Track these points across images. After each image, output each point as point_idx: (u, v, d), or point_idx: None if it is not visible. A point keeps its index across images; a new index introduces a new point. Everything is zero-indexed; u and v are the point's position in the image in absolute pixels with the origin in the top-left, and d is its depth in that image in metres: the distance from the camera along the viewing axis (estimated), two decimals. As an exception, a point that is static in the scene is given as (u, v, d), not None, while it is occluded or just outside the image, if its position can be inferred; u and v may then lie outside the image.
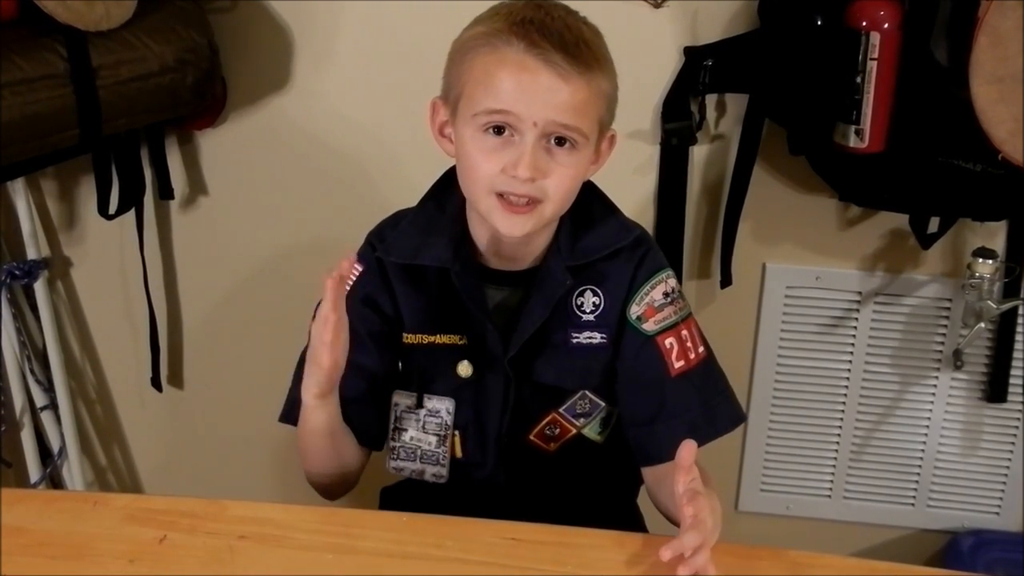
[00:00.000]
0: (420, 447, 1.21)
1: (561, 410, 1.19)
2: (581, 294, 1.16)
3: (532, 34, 1.03)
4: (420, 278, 1.17)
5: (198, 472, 1.95)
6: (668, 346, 1.16)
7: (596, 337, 1.17)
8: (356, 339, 1.14)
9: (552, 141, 1.06)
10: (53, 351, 1.79)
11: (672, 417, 1.15)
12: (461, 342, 1.17)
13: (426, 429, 1.21)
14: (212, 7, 1.62)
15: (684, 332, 1.17)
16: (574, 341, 1.17)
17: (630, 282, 1.16)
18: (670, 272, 1.19)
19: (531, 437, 1.20)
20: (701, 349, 1.18)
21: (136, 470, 2.01)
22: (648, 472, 1.19)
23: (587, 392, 1.19)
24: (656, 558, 0.92)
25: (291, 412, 1.18)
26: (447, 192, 1.17)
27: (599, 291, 1.16)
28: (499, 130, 1.06)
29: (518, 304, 1.16)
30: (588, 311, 1.16)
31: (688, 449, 0.95)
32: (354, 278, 1.18)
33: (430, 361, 1.18)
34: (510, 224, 1.07)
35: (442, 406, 1.20)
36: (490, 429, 1.19)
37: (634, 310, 1.16)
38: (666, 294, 1.17)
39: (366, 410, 1.19)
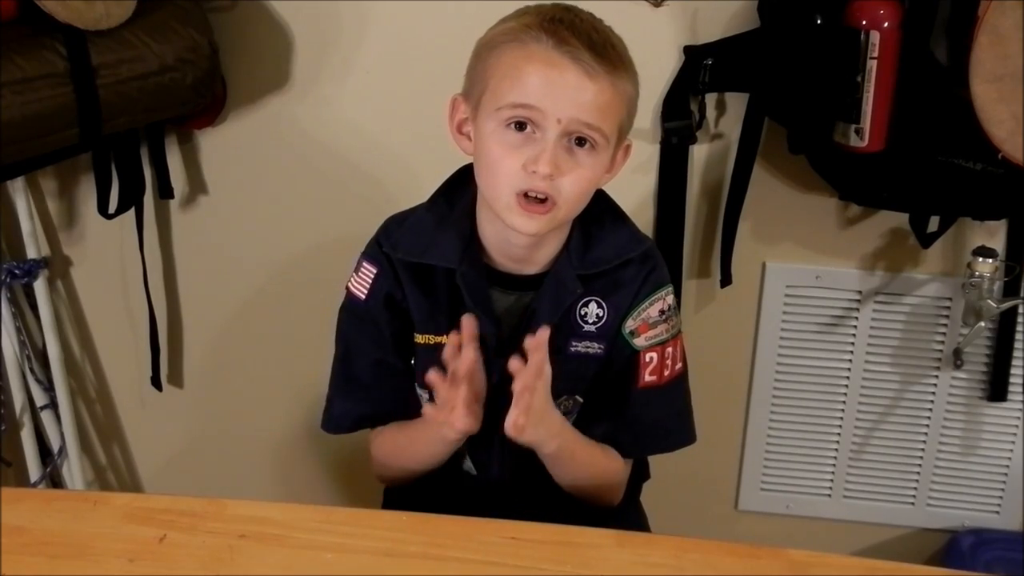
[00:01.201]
0: None
1: None
2: (586, 304, 1.17)
3: (561, 32, 1.04)
4: (427, 277, 1.17)
5: (198, 472, 1.95)
6: (647, 360, 1.18)
7: (594, 347, 1.18)
8: (387, 342, 1.17)
9: (572, 141, 1.06)
10: (53, 350, 1.79)
11: (623, 424, 1.19)
12: None
13: None
14: (212, 6, 1.62)
15: (669, 349, 1.19)
16: (572, 349, 1.17)
17: (633, 296, 1.17)
18: (670, 289, 1.20)
19: None
20: (678, 366, 1.20)
21: (136, 469, 2.01)
22: None
23: (574, 395, 1.20)
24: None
25: (332, 421, 1.23)
26: (459, 190, 1.18)
27: (604, 303, 1.17)
28: (521, 126, 1.06)
29: (524, 308, 1.16)
30: (591, 322, 1.17)
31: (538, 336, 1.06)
32: (369, 281, 1.18)
33: (436, 361, 1.18)
34: (524, 222, 1.07)
35: None
36: (493, 429, 1.19)
37: (629, 324, 1.17)
38: (662, 311, 1.18)
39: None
